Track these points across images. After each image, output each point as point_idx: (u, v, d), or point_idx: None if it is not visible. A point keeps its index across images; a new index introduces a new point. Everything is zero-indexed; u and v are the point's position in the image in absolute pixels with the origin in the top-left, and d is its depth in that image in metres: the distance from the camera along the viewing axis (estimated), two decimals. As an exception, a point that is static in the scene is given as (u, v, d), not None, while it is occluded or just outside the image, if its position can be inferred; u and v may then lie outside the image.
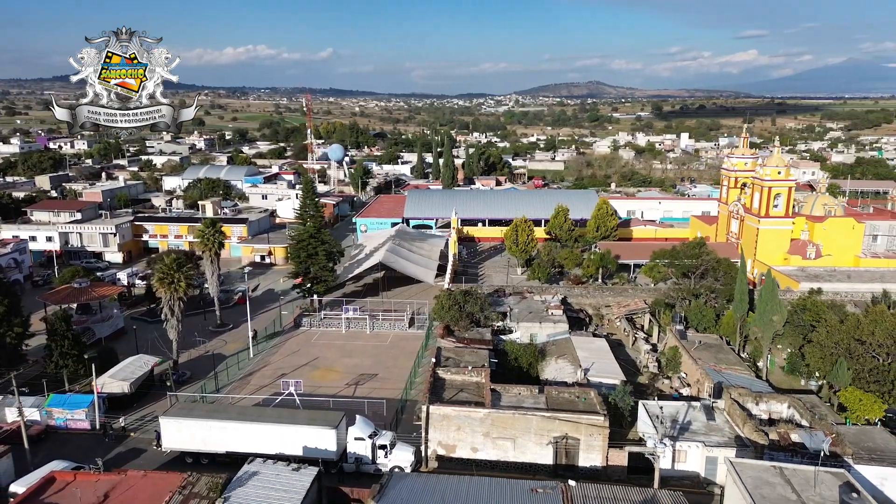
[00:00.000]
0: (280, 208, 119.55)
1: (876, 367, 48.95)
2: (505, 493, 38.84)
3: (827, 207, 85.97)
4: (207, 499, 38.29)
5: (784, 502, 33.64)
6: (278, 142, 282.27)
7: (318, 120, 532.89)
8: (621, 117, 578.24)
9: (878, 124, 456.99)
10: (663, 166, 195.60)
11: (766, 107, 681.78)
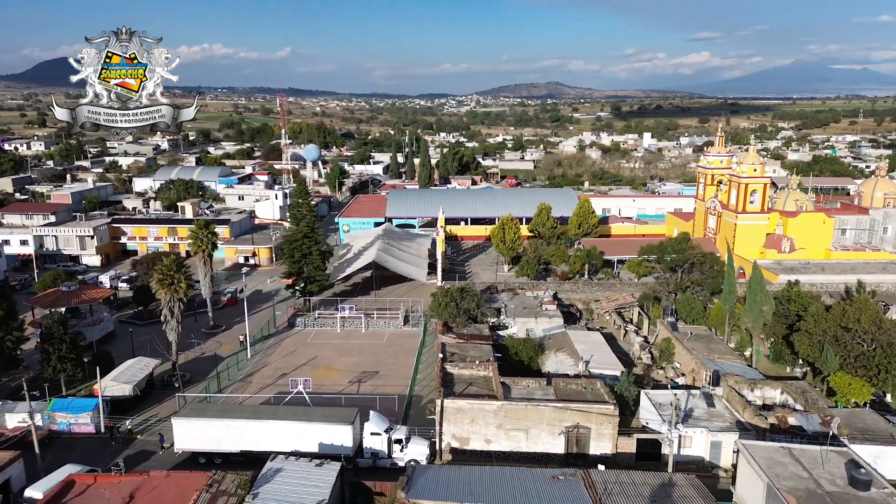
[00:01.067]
0: (259, 209, 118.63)
1: (862, 352, 51.77)
2: (527, 481, 40.10)
3: (798, 203, 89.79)
4: (236, 496, 38.56)
5: (798, 479, 35.65)
6: (244, 142, 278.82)
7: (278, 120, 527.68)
8: (581, 117, 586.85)
9: (826, 123, 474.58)
10: (631, 165, 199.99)
11: (719, 107, 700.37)
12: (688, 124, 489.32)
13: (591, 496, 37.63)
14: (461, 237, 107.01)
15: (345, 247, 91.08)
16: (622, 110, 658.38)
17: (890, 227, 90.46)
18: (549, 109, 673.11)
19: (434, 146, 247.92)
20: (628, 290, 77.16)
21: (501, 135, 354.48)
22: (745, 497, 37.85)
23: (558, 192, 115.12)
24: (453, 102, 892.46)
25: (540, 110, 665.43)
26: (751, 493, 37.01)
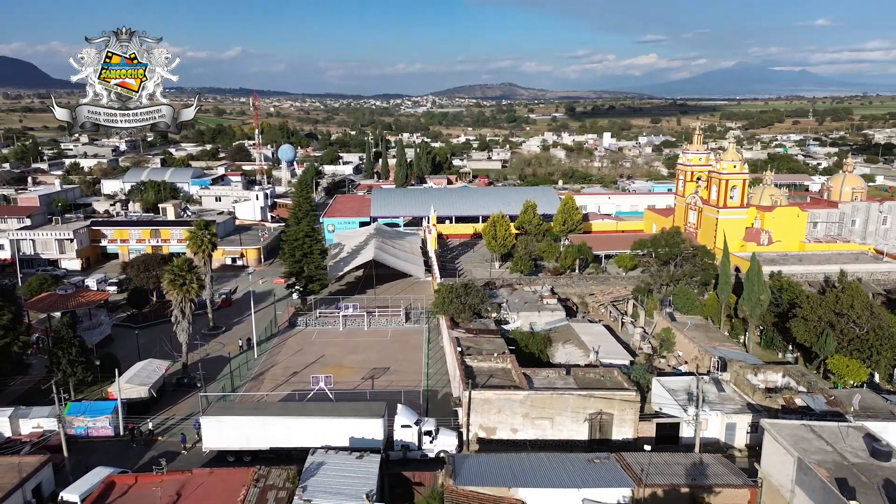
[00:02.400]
0: (239, 210, 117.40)
1: (856, 336, 55.12)
2: (566, 466, 41.64)
3: (773, 198, 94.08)
4: (284, 489, 39.01)
5: (824, 454, 38.11)
6: (204, 143, 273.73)
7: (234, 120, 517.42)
8: (537, 118, 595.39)
9: (771, 123, 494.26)
10: (598, 164, 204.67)
11: (669, 107, 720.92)
12: (640, 124, 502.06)
13: (630, 476, 39.41)
14: (447, 235, 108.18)
15: (336, 246, 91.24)
16: (576, 111, 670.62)
17: (857, 219, 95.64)
18: (504, 110, 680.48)
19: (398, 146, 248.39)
20: (621, 283, 79.70)
21: (463, 135, 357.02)
22: (771, 473, 40.12)
23: (539, 191, 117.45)
24: (409, 103, 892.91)
25: (496, 111, 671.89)
26: (778, 469, 39.29)
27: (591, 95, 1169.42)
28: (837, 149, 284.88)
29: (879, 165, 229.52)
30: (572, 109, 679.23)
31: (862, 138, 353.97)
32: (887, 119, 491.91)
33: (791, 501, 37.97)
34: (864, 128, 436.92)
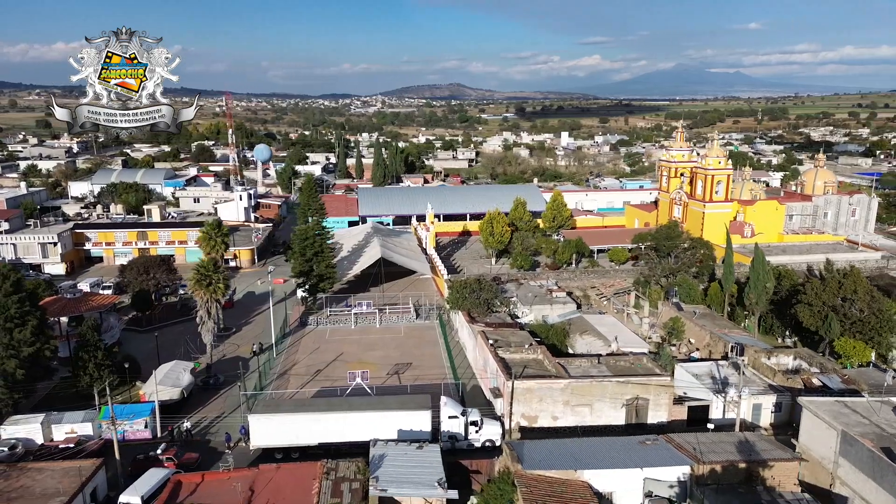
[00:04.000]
0: (222, 211, 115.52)
1: (859, 319, 58.97)
2: (620, 448, 43.54)
3: (753, 192, 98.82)
4: (356, 481, 39.61)
5: (863, 426, 41.03)
6: (159, 143, 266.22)
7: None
8: (489, 118, 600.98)
9: (713, 123, 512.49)
10: (565, 163, 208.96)
11: (615, 107, 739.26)
12: (590, 124, 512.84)
13: (686, 455, 41.51)
14: (437, 233, 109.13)
15: (334, 245, 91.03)
16: (526, 111, 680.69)
17: (830, 211, 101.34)
18: (456, 110, 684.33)
19: (365, 146, 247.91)
20: (621, 276, 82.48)
21: (421, 135, 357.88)
22: (811, 447, 42.86)
23: (522, 188, 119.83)
24: (358, 103, 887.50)
25: (448, 111, 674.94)
26: (820, 443, 42.02)
27: (537, 96, 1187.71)
28: (782, 146, 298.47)
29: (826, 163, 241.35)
30: (522, 110, 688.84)
31: (799, 136, 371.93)
32: (821, 118, 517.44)
33: (835, 472, 40.78)
34: (799, 126, 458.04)
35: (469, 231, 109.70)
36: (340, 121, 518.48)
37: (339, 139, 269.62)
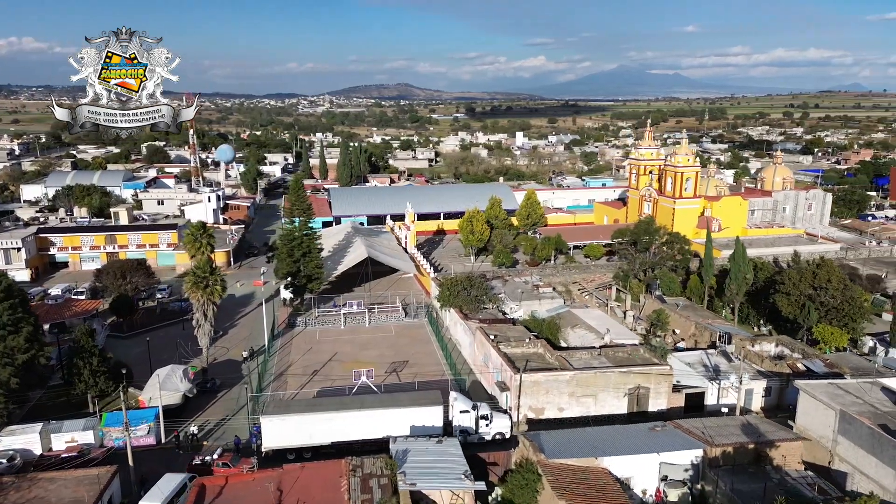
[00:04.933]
0: (190, 213, 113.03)
1: (834, 307, 62.38)
2: (631, 435, 45.13)
3: (718, 189, 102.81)
4: (384, 476, 39.87)
5: (857, 406, 43.65)
6: (105, 145, 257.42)
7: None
8: (440, 118, 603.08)
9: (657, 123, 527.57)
10: (526, 162, 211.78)
11: (562, 108, 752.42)
12: (539, 124, 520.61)
13: (696, 439, 43.36)
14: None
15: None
16: (476, 111, 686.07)
17: (788, 206, 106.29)
18: (406, 110, 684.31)
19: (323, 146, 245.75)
20: (601, 271, 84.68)
21: (375, 135, 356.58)
22: (808, 427, 45.29)
23: (493, 187, 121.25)
24: (305, 103, 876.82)
25: (398, 111, 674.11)
26: (818, 423, 44.46)
27: (485, 96, 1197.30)
28: (727, 145, 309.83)
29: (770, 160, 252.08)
30: (472, 110, 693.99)
31: (739, 135, 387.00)
32: (757, 118, 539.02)
33: (833, 450, 43.29)
34: (738, 126, 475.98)
35: (444, 230, 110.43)
36: (289, 121, 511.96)
37: (295, 139, 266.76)
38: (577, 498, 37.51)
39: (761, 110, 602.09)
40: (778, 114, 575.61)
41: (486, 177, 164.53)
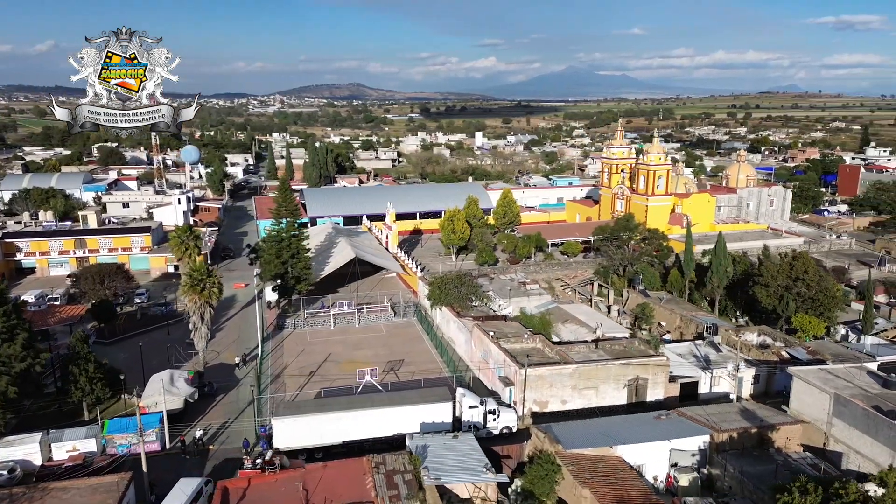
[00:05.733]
0: (159, 216, 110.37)
1: (809, 297, 65.49)
2: (639, 424, 46.68)
3: (687, 186, 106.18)
4: (408, 472, 40.36)
5: (849, 389, 46.09)
6: (52, 146, 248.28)
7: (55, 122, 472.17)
8: (395, 118, 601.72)
9: (608, 123, 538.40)
10: (491, 162, 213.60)
11: (515, 108, 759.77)
12: (493, 124, 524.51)
13: (702, 426, 45.14)
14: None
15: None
16: (431, 111, 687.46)
17: (752, 202, 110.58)
18: (360, 110, 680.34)
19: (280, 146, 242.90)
20: (582, 267, 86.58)
21: (332, 135, 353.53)
22: (802, 411, 47.45)
23: (467, 187, 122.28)
24: (255, 102, 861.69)
25: (352, 111, 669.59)
26: (812, 407, 46.65)
27: (438, 96, 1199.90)
28: (678, 144, 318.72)
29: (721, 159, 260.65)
30: (427, 110, 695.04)
31: (687, 135, 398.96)
32: (703, 118, 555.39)
33: (828, 432, 45.62)
34: (685, 126, 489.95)
35: (420, 230, 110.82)
36: (240, 121, 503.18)
37: (252, 139, 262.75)
38: (598, 485, 38.72)
39: (706, 110, 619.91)
40: (722, 114, 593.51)
41: (454, 177, 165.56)
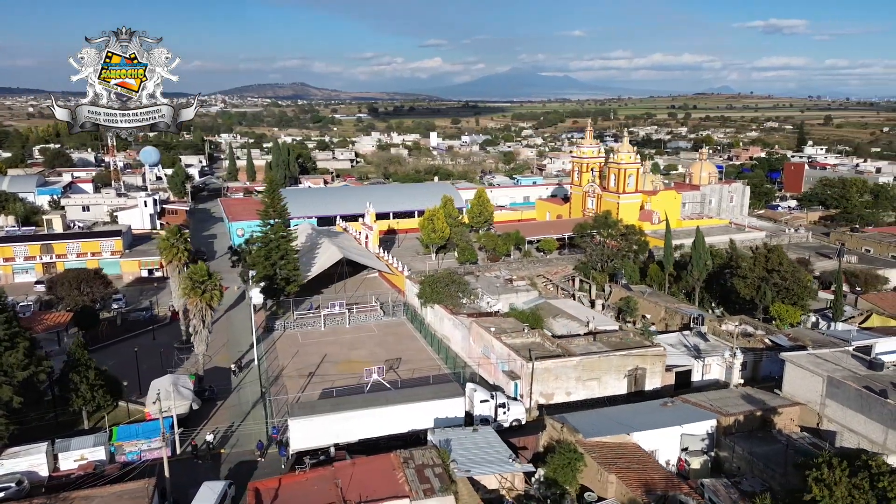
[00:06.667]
0: (124, 219, 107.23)
1: (784, 287, 69.07)
2: (647, 411, 48.56)
3: (654, 184, 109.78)
4: (437, 466, 40.89)
5: (839, 371, 49.07)
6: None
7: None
8: (343, 118, 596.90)
9: (555, 123, 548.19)
10: (452, 161, 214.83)
11: (463, 109, 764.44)
12: (443, 124, 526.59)
13: (707, 409, 47.31)
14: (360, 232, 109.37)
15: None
16: (379, 111, 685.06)
17: (714, 199, 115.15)
18: (307, 110, 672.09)
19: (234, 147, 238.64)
20: (562, 264, 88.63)
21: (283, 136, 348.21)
22: (795, 394, 50.23)
23: (439, 186, 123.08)
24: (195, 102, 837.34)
25: (298, 111, 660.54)
26: (805, 389, 49.43)
27: (384, 96, 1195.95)
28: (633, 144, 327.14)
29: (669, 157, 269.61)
30: (375, 110, 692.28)
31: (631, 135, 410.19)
32: (645, 118, 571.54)
33: (822, 412, 48.49)
34: (629, 126, 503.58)
35: (394, 229, 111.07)
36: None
37: (202, 140, 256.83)
38: (623, 471, 40.26)
39: (647, 111, 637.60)
40: (663, 114, 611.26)
41: (418, 177, 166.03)
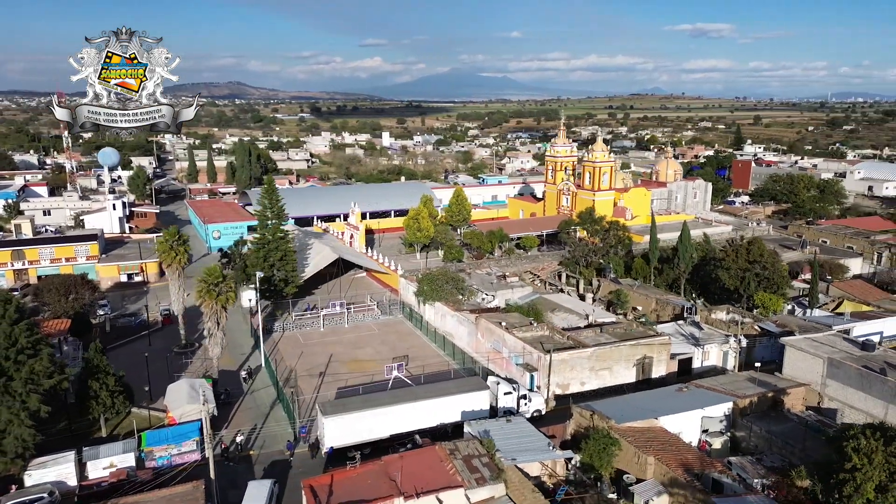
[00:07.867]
0: (92, 223, 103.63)
1: (766, 277, 73.14)
2: (664, 397, 50.97)
3: (625, 181, 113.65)
4: (484, 456, 42.01)
5: (837, 353, 52.73)
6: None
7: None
8: (285, 118, 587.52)
9: (500, 123, 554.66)
10: (412, 161, 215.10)
11: (407, 108, 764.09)
12: (388, 124, 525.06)
13: (721, 393, 50.03)
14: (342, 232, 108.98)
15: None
16: (322, 111, 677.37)
17: (679, 195, 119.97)
18: (246, 109, 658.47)
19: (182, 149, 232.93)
20: (547, 259, 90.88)
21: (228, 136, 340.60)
22: (795, 376, 53.49)
23: (413, 186, 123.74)
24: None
25: (238, 111, 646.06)
26: (805, 371, 52.86)
27: (323, 96, 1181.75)
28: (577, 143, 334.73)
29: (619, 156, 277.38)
30: (317, 109, 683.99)
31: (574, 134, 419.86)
32: (586, 119, 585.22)
33: (822, 392, 52.01)
34: (571, 126, 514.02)
35: (372, 229, 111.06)
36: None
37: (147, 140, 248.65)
38: (660, 453, 42.33)
39: (587, 111, 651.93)
40: (602, 114, 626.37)
41: (382, 177, 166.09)
